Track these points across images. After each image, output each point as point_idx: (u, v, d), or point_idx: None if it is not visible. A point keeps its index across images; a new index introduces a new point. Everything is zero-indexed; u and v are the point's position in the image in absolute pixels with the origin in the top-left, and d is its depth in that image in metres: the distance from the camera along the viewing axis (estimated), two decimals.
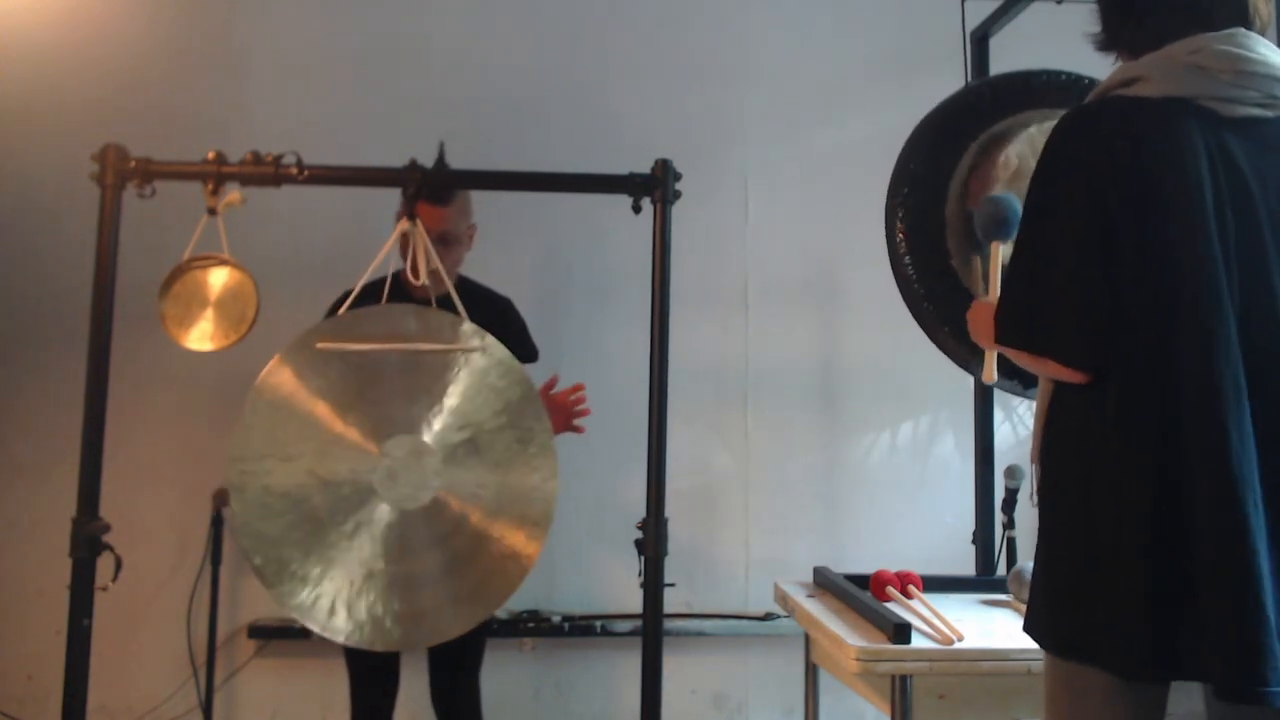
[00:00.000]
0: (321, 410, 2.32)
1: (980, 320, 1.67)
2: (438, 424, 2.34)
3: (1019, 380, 2.22)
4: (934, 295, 2.32)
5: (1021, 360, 1.52)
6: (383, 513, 2.31)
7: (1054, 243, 1.45)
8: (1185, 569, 1.33)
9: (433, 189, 2.42)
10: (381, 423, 2.33)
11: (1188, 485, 1.34)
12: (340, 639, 2.29)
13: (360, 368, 2.33)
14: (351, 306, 2.38)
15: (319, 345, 2.31)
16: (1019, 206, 1.96)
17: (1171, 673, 1.36)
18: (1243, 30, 1.48)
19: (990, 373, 1.93)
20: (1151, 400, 1.37)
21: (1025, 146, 2.31)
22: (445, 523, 2.33)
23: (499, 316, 2.59)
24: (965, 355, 2.31)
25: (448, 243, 2.51)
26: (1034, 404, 1.65)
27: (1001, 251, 1.95)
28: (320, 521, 2.29)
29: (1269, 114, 1.47)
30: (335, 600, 2.28)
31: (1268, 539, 1.33)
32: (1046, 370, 1.50)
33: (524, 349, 2.59)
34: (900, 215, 2.35)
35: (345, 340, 2.32)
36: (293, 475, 2.29)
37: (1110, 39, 1.61)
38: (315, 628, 2.27)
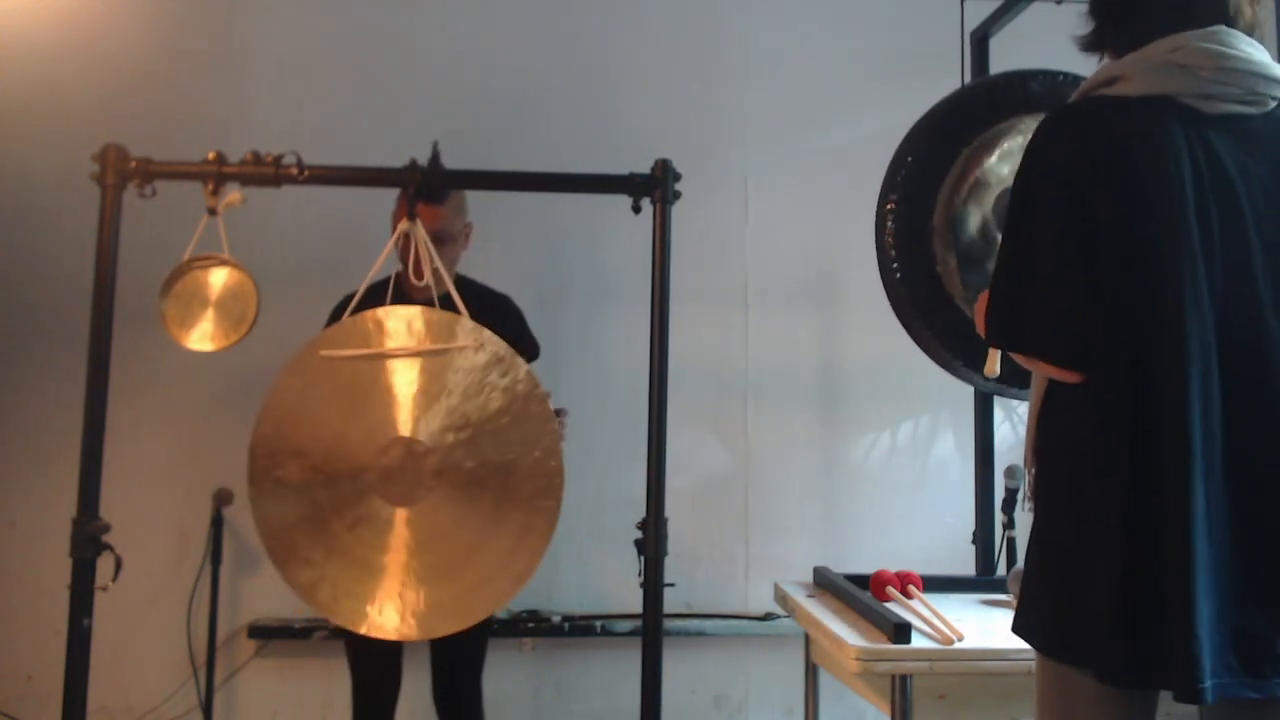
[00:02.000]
0: (328, 409, 2.33)
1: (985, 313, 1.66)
2: (438, 423, 2.34)
3: (1016, 384, 2.23)
4: (918, 299, 2.34)
5: (1018, 359, 1.53)
6: (379, 510, 2.32)
7: (1036, 243, 1.46)
8: (1154, 572, 1.33)
9: (427, 187, 2.42)
10: (384, 423, 2.33)
11: (1158, 486, 1.34)
12: (339, 622, 2.33)
13: (363, 369, 2.33)
14: (355, 309, 2.38)
15: (323, 353, 2.32)
16: None
17: (1148, 679, 1.36)
18: (1224, 28, 1.47)
19: (993, 366, 1.93)
20: (1131, 400, 1.37)
21: (1014, 144, 2.32)
22: (432, 528, 2.34)
23: (499, 314, 2.59)
24: (948, 359, 2.34)
25: (443, 241, 2.51)
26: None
27: None
28: (324, 514, 2.31)
29: (1251, 110, 1.46)
30: (335, 587, 2.31)
31: (1225, 538, 1.33)
32: (1040, 369, 1.50)
33: (524, 346, 2.59)
34: (889, 220, 2.36)
35: (350, 346, 2.32)
36: (302, 471, 2.31)
37: (1096, 39, 1.61)
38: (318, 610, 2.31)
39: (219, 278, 2.37)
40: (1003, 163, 2.33)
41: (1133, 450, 1.36)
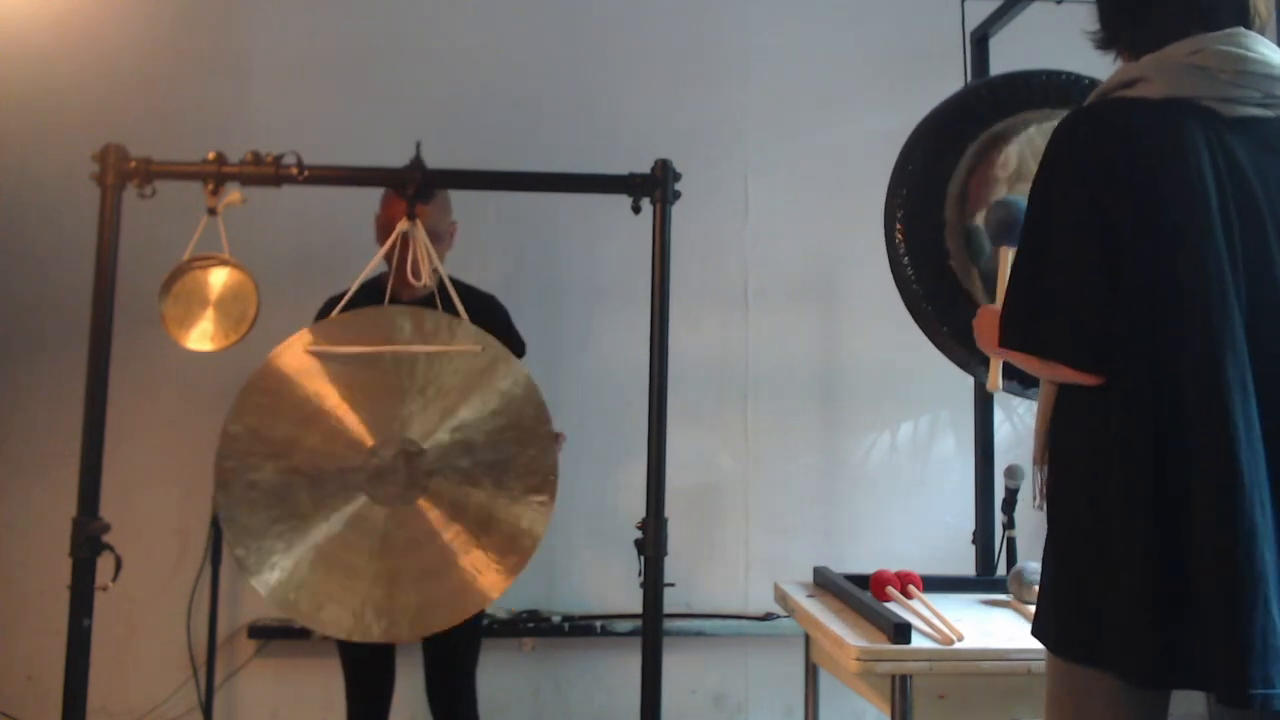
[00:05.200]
0: (313, 408, 2.32)
1: (986, 327, 1.66)
2: (432, 425, 2.34)
3: (1019, 380, 2.22)
4: (933, 296, 2.32)
5: (1030, 365, 1.51)
6: (367, 510, 2.32)
7: (1057, 246, 1.45)
8: (1189, 573, 1.33)
9: (426, 187, 2.42)
10: (374, 422, 2.33)
11: (1193, 488, 1.34)
12: (323, 630, 2.32)
13: (355, 367, 2.33)
14: (346, 308, 2.38)
15: (312, 347, 2.32)
16: None
17: (1177, 679, 1.35)
18: (1243, 30, 1.47)
19: (995, 380, 1.92)
20: (1157, 402, 1.37)
21: (1024, 146, 2.31)
22: (426, 527, 2.33)
23: (486, 314, 2.58)
24: (965, 356, 2.31)
25: (431, 240, 2.51)
26: (1034, 403, 1.65)
27: (1011, 255, 1.95)
28: (304, 516, 2.30)
29: (1270, 114, 1.47)
30: (317, 592, 2.30)
31: (1275, 541, 1.32)
32: (1055, 374, 1.49)
33: (511, 345, 2.58)
34: (899, 216, 2.35)
35: (343, 342, 2.32)
36: (280, 472, 2.30)
37: (1110, 38, 1.61)
38: (288, 614, 2.31)
39: (219, 278, 2.37)
40: (1014, 156, 2.31)
41: (1164, 455, 1.35)
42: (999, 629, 1.99)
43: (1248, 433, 1.33)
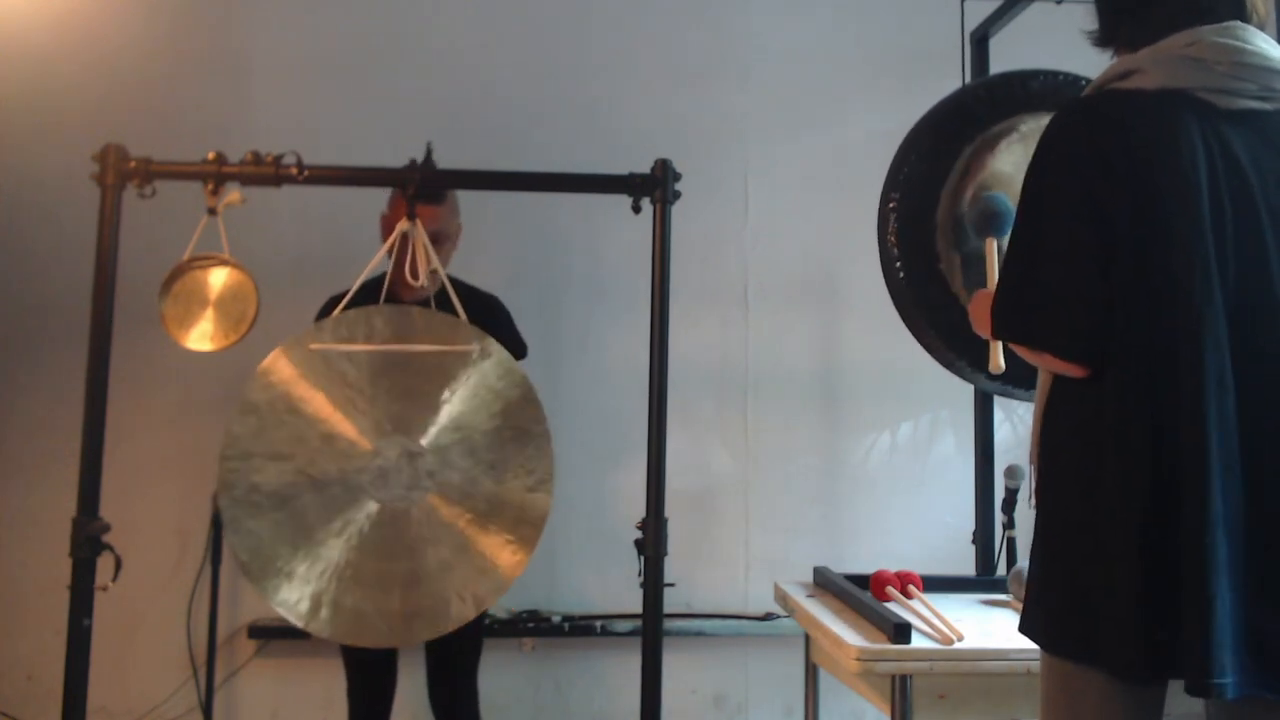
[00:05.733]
0: (315, 409, 2.32)
1: (981, 311, 1.66)
2: (433, 425, 2.34)
3: (1010, 381, 2.23)
4: (923, 300, 2.33)
5: (1022, 353, 1.52)
6: (372, 512, 2.32)
7: (1049, 236, 1.45)
8: (1172, 566, 1.33)
9: (427, 187, 2.42)
10: (376, 422, 2.33)
11: (1176, 480, 1.34)
12: (324, 634, 2.31)
13: (356, 367, 2.34)
14: (347, 309, 2.38)
15: (313, 346, 2.32)
16: (1010, 203, 1.97)
17: (1164, 671, 1.36)
18: (1239, 23, 1.48)
19: (997, 361, 1.93)
20: (1145, 395, 1.37)
21: (1017, 148, 2.31)
22: (434, 526, 2.33)
23: (488, 314, 2.58)
24: (953, 359, 2.33)
25: (439, 241, 2.51)
26: (1033, 404, 1.65)
27: (996, 246, 1.96)
28: (308, 520, 2.30)
29: (1267, 106, 1.47)
30: (321, 596, 2.30)
31: (1241, 535, 1.33)
32: (1044, 364, 1.49)
33: (514, 345, 2.58)
34: (892, 220, 2.36)
35: (343, 341, 2.32)
36: (283, 474, 2.29)
37: (1108, 35, 1.62)
38: (300, 623, 2.30)
39: (219, 277, 2.37)
40: (1005, 161, 2.32)
41: (1152, 448, 1.36)
42: (999, 629, 1.99)
43: (1221, 426, 1.34)
